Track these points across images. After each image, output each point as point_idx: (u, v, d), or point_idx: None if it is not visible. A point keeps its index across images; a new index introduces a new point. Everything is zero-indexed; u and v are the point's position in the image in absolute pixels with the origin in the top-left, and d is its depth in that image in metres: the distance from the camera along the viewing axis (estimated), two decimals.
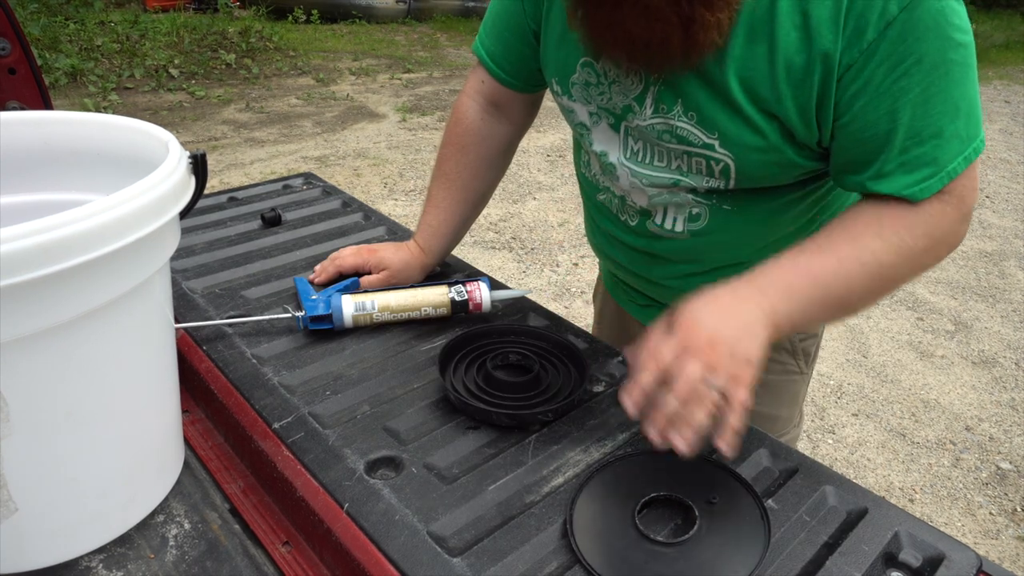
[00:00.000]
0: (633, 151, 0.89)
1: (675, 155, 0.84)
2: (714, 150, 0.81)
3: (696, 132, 0.81)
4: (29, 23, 5.92)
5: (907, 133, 0.72)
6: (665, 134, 0.83)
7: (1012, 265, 3.77)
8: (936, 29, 0.68)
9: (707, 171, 0.83)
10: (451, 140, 1.07)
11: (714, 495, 0.69)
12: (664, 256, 0.97)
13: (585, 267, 3.46)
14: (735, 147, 0.79)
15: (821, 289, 0.74)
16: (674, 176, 0.86)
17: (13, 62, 1.55)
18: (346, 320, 0.94)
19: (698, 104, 0.79)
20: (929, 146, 0.72)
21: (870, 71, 0.70)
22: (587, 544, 0.64)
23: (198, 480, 0.78)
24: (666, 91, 0.81)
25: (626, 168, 0.90)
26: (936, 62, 0.69)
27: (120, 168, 0.75)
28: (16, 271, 0.49)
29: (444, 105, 5.93)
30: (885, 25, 0.68)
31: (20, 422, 0.57)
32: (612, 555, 0.63)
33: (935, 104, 0.71)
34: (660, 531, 0.67)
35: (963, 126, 0.73)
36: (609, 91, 0.86)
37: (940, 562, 0.64)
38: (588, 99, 0.89)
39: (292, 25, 8.25)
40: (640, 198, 0.92)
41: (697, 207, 0.88)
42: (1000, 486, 2.27)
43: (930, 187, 0.73)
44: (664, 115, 0.82)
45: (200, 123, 5.11)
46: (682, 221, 0.91)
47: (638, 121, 0.85)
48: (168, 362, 0.73)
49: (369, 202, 3.60)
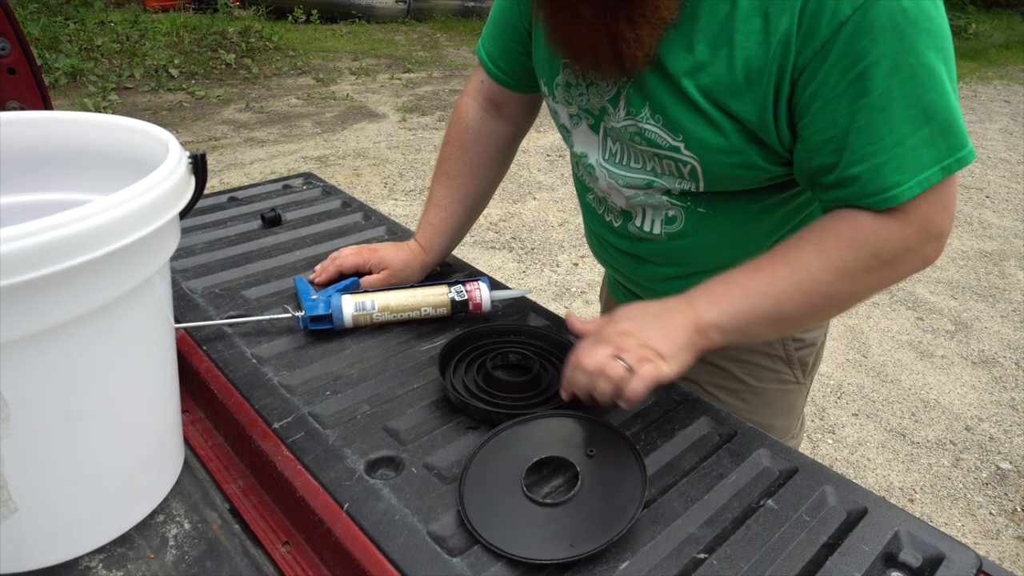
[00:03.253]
0: (611, 152, 0.89)
1: (647, 157, 0.85)
2: (680, 152, 0.81)
3: (663, 134, 0.81)
4: (29, 23, 5.92)
5: (867, 138, 0.69)
6: (636, 136, 0.84)
7: (1012, 265, 3.77)
8: (895, 30, 0.65)
9: (677, 172, 0.83)
10: (451, 139, 1.08)
11: (592, 448, 0.73)
12: (646, 258, 0.98)
13: (585, 267, 3.46)
14: (700, 149, 0.79)
15: (753, 300, 0.75)
16: (648, 177, 0.87)
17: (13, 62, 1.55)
18: (346, 320, 0.94)
19: (664, 106, 0.79)
20: (891, 154, 0.69)
21: (824, 73, 0.68)
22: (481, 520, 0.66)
23: (198, 480, 0.78)
24: (635, 93, 0.81)
25: (604, 169, 0.91)
26: (897, 65, 0.66)
27: (120, 168, 0.75)
28: (16, 271, 0.49)
29: (444, 105, 5.93)
30: (838, 25, 0.66)
31: (20, 422, 0.57)
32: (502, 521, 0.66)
33: (896, 110, 0.68)
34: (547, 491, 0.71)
35: (936, 134, 0.69)
36: (587, 92, 0.87)
37: (940, 562, 0.65)
38: (569, 100, 0.90)
39: (292, 25, 8.26)
40: (618, 199, 0.92)
41: (673, 209, 0.89)
42: (1000, 486, 2.27)
43: (897, 196, 0.70)
44: (634, 117, 0.83)
45: (200, 123, 5.11)
46: (659, 223, 0.91)
47: (613, 123, 0.86)
48: (168, 362, 0.73)
49: (369, 202, 3.60)
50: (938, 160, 0.70)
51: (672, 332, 0.74)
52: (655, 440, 0.78)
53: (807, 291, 0.74)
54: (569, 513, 0.66)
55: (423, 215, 1.09)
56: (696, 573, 0.63)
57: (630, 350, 0.71)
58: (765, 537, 0.66)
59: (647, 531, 0.67)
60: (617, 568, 0.63)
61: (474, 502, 0.67)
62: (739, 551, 0.65)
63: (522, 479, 0.69)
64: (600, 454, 0.72)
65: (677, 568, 0.63)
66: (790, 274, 0.74)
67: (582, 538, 0.63)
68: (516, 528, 0.65)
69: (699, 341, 0.75)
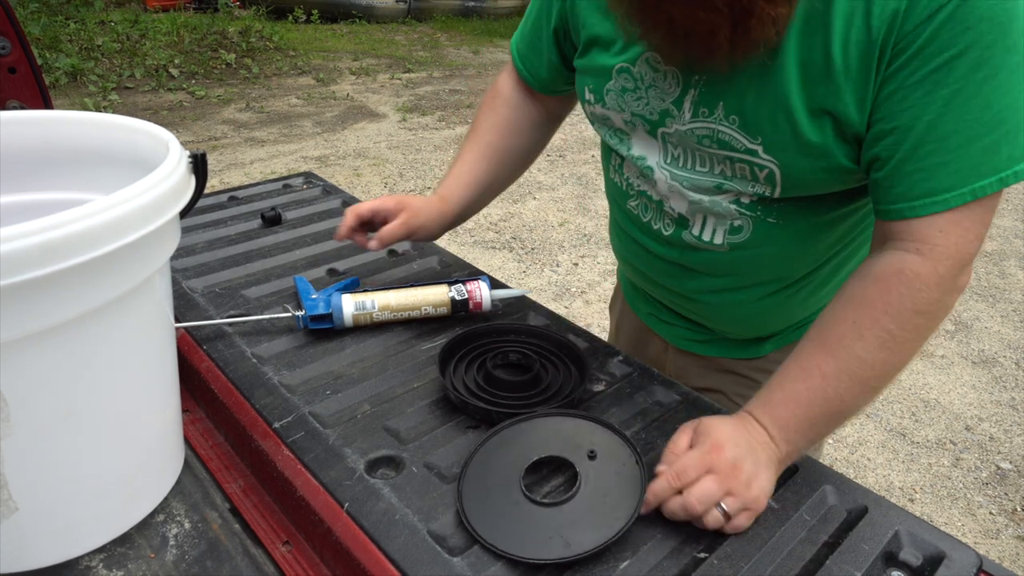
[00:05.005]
0: (673, 156, 0.84)
1: (717, 160, 0.80)
2: (758, 156, 0.75)
3: (738, 137, 0.76)
4: (29, 23, 5.92)
5: (932, 134, 0.64)
6: (705, 139, 0.79)
7: (1012, 265, 3.76)
8: (991, 22, 0.60)
9: (751, 176, 0.78)
10: (484, 104, 1.08)
11: (593, 450, 0.72)
12: (699, 269, 0.91)
13: (585, 267, 3.46)
14: (781, 152, 0.74)
15: (815, 410, 0.70)
16: (717, 180, 0.81)
17: (13, 62, 1.55)
18: (346, 319, 0.94)
19: (742, 106, 0.74)
20: (953, 155, 0.64)
21: (907, 56, 0.63)
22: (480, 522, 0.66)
23: (198, 480, 0.78)
24: (707, 92, 0.76)
25: (665, 171, 0.85)
26: (983, 58, 0.61)
27: (120, 168, 0.75)
28: (16, 270, 0.49)
29: (444, 105, 5.93)
30: (936, 8, 0.61)
31: (20, 422, 0.57)
32: (501, 521, 0.66)
33: (971, 108, 0.62)
34: (546, 491, 0.71)
35: (1001, 141, 0.64)
36: (646, 95, 0.82)
37: (940, 561, 0.64)
38: (623, 106, 0.86)
39: (292, 25, 8.25)
40: (679, 203, 0.86)
41: (740, 219, 0.83)
42: (1000, 486, 2.27)
43: (944, 202, 0.66)
44: (704, 119, 0.77)
45: (200, 123, 5.11)
46: (722, 233, 0.85)
47: (676, 126, 0.81)
48: (168, 362, 0.73)
49: None
50: (997, 170, 0.64)
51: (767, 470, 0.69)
52: (655, 440, 0.78)
53: (862, 379, 0.69)
54: (568, 513, 0.66)
55: (447, 171, 1.07)
56: (696, 573, 0.63)
57: (737, 495, 0.66)
58: (765, 536, 0.66)
59: (647, 531, 0.67)
60: (617, 568, 0.63)
61: (473, 502, 0.67)
62: (739, 550, 0.65)
63: (521, 479, 0.69)
64: (600, 454, 0.72)
65: (677, 568, 0.63)
66: (840, 369, 0.69)
67: (581, 538, 0.63)
68: (515, 528, 0.65)
69: (779, 469, 0.71)
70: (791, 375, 0.72)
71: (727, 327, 1.00)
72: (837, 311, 0.72)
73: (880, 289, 0.69)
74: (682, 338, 1.06)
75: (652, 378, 0.88)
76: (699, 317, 1.01)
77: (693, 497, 0.65)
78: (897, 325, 0.68)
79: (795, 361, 0.73)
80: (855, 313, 0.70)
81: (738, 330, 1.00)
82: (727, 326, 1.00)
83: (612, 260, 3.54)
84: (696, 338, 1.04)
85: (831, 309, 0.73)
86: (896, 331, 0.68)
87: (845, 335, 0.70)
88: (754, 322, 0.97)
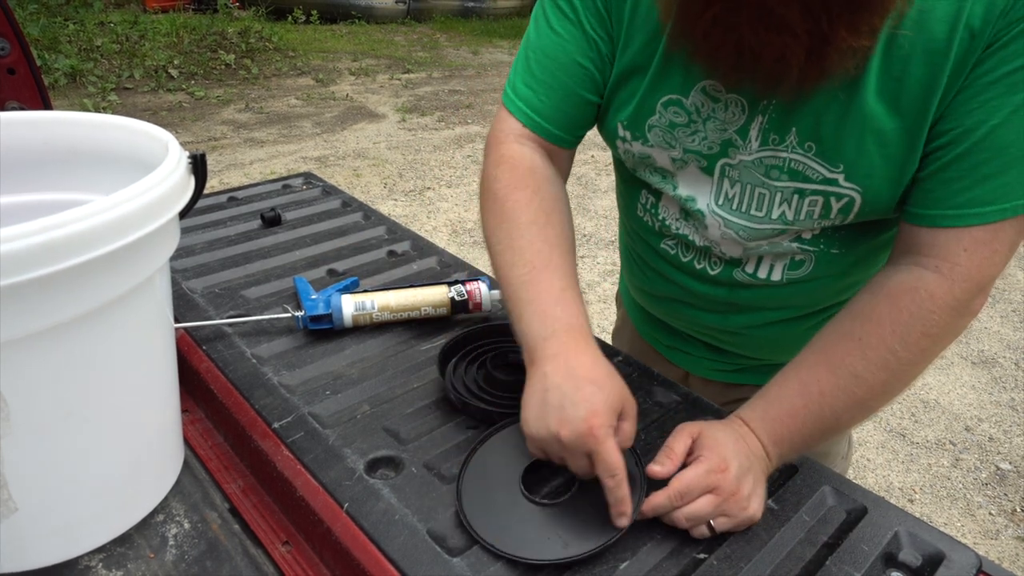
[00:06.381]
0: (727, 197, 0.77)
1: (781, 197, 0.74)
2: (837, 185, 0.70)
3: (814, 166, 0.70)
4: (28, 23, 5.92)
5: (992, 142, 0.61)
6: (774, 170, 0.73)
7: (1012, 265, 3.77)
8: None
9: (822, 212, 0.73)
10: (516, 185, 0.79)
11: None
12: (748, 304, 0.87)
13: (584, 268, 3.46)
14: (866, 179, 0.69)
15: (810, 427, 0.69)
16: (776, 226, 0.76)
17: (12, 62, 1.55)
18: (346, 320, 0.94)
19: (819, 132, 0.68)
20: (1006, 168, 0.61)
21: (989, 52, 0.60)
22: (479, 520, 0.65)
23: (198, 480, 0.78)
24: (776, 119, 0.70)
25: (718, 218, 0.79)
26: None
27: (120, 168, 0.75)
28: (16, 271, 0.49)
29: (443, 105, 5.93)
30: None
31: (20, 422, 0.57)
32: (500, 521, 0.65)
33: None
34: (546, 491, 0.70)
35: None
36: (704, 128, 0.75)
37: (940, 562, 0.65)
38: (671, 142, 0.77)
39: (292, 25, 8.25)
40: (733, 249, 0.81)
41: (801, 255, 0.79)
42: (1000, 486, 2.27)
43: (982, 216, 0.63)
44: (774, 147, 0.71)
45: (200, 123, 5.11)
46: (781, 269, 0.81)
47: (741, 156, 0.74)
48: (168, 362, 0.73)
49: (369, 202, 3.60)
50: None
51: (761, 485, 0.69)
52: (655, 440, 0.78)
53: (859, 399, 0.68)
54: (568, 513, 0.66)
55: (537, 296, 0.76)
56: (696, 573, 0.63)
57: (731, 516, 0.66)
58: (765, 537, 0.67)
59: (647, 531, 0.67)
60: (617, 568, 0.63)
61: (473, 502, 0.67)
62: (739, 551, 0.65)
63: (520, 479, 0.69)
64: None
65: (677, 568, 0.63)
66: (839, 387, 0.68)
67: (581, 538, 0.63)
68: (515, 528, 0.65)
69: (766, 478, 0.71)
70: (791, 389, 0.71)
71: (770, 356, 0.96)
72: (845, 325, 0.70)
73: (891, 307, 0.67)
74: (707, 368, 1.02)
75: (652, 378, 0.89)
76: (739, 349, 0.96)
77: (682, 515, 0.65)
78: (903, 346, 0.66)
79: (795, 373, 0.72)
80: (862, 329, 0.68)
81: (784, 357, 0.92)
82: (771, 355, 0.96)
83: (612, 260, 3.54)
84: (724, 368, 1.01)
85: (839, 321, 0.71)
86: (901, 352, 0.66)
87: (849, 352, 0.68)
88: (800, 347, 0.91)
